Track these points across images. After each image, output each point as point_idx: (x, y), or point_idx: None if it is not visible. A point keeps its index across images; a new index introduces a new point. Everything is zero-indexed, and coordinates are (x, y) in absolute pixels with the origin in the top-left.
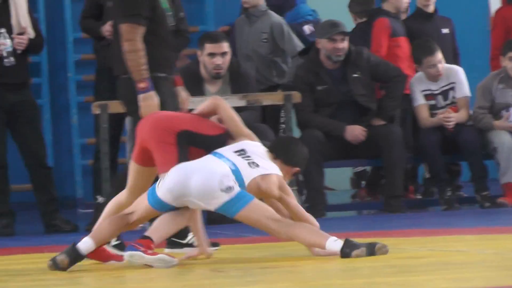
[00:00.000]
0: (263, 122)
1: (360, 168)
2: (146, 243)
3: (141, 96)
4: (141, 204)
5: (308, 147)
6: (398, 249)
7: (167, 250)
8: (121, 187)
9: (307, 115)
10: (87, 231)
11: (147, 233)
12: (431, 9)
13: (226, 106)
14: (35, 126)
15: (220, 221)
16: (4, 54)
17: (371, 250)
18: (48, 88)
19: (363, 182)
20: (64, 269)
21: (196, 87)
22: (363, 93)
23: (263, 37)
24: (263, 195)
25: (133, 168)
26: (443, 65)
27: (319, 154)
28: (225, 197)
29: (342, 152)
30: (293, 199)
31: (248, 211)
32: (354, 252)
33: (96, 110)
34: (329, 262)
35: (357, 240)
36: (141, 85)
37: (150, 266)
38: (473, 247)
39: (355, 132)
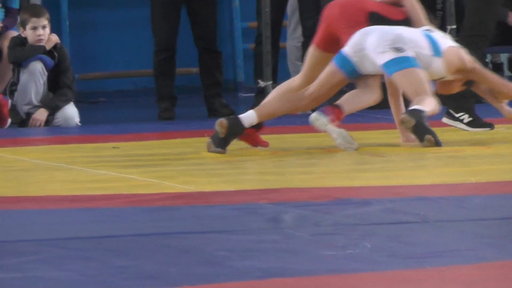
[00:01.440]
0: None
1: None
2: (337, 113)
3: None
4: (317, 79)
5: None
6: None
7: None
8: None
9: None
10: None
11: (338, 102)
12: None
13: None
14: (211, 8)
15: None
16: None
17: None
18: None
19: None
20: (220, 140)
21: None
22: None
23: None
24: (459, 65)
25: (312, 53)
26: None
27: None
28: (392, 55)
29: (503, 38)
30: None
31: (404, 75)
32: None
33: None
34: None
35: None
36: None
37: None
38: None
39: None
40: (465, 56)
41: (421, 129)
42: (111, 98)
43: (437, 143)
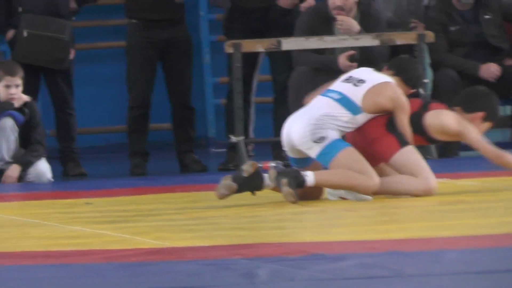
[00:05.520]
0: None
1: None
2: None
3: None
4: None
5: (442, 86)
6: None
7: None
8: None
9: (442, 54)
10: (219, 170)
11: None
12: None
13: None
14: (187, 64)
15: None
16: None
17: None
18: None
19: None
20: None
21: (325, 27)
22: (495, 34)
23: None
24: (392, 105)
25: None
26: None
27: (453, 93)
28: (318, 148)
29: None
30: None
31: (338, 162)
32: None
33: (229, 49)
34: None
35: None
36: None
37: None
38: None
39: (490, 69)
40: (395, 90)
41: (280, 176)
42: (82, 154)
43: (292, 189)
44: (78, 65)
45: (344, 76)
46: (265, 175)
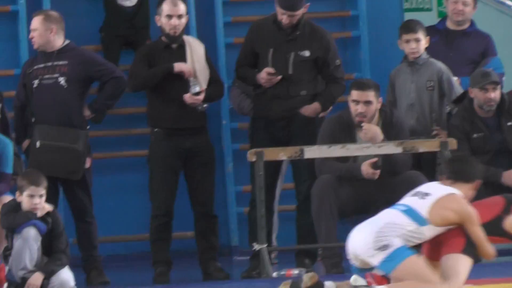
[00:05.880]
0: (418, 169)
1: None
2: (379, 279)
3: None
4: None
5: None
6: None
7: None
8: None
9: None
10: (243, 278)
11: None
12: None
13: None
14: (209, 173)
15: None
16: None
17: None
18: None
19: None
20: None
21: (348, 134)
22: None
23: (429, 84)
24: (458, 218)
25: None
26: None
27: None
28: (381, 255)
29: None
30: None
31: (401, 270)
32: None
33: (252, 158)
34: None
35: None
36: None
37: None
38: None
39: None
40: (459, 201)
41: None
42: (106, 263)
43: None
44: (100, 173)
45: (412, 191)
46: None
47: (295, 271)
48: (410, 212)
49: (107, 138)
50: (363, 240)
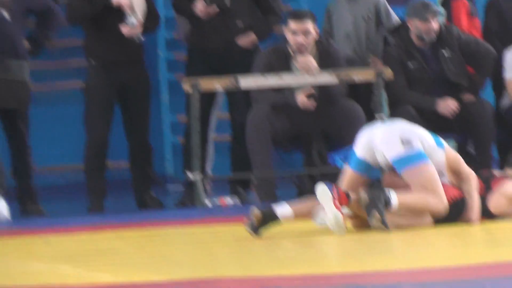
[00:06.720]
0: (354, 100)
1: None
2: (343, 196)
3: None
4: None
5: None
6: None
7: None
8: None
9: (400, 91)
10: (177, 206)
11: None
12: None
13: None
14: (145, 104)
15: None
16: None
17: None
18: None
19: None
20: (254, 227)
21: (284, 65)
22: (454, 71)
23: (366, 14)
24: (456, 167)
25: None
26: None
27: None
28: (401, 149)
29: (434, 128)
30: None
31: (414, 173)
32: None
33: (187, 87)
34: None
35: None
36: None
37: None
38: None
39: (448, 104)
40: (464, 164)
41: (372, 206)
42: (41, 193)
43: (384, 224)
44: (38, 105)
45: None
46: (276, 209)
47: (229, 199)
48: (433, 134)
49: (44, 70)
50: (388, 129)
